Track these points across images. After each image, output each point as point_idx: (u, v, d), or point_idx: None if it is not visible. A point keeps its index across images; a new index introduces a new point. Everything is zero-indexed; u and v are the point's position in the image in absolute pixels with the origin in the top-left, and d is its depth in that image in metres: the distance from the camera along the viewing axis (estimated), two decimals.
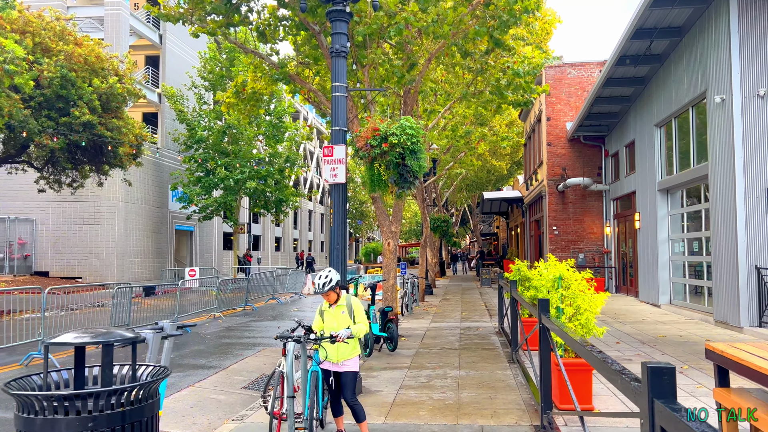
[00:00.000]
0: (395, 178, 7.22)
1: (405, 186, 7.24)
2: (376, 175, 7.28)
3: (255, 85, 13.42)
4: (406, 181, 7.20)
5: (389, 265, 12.12)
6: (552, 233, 22.42)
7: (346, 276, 7.35)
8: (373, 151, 7.13)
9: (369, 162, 7.37)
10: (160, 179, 31.60)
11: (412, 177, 7.18)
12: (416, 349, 10.41)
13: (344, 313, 5.38)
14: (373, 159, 7.27)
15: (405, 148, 7.07)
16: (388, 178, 7.23)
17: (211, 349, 11.33)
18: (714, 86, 12.22)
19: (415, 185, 7.32)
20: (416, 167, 7.13)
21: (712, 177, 12.38)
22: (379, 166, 7.23)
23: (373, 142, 7.11)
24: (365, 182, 7.59)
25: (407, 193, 7.16)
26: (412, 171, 7.13)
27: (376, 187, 7.35)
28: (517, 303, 9.00)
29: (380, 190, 7.39)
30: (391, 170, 7.19)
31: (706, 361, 8.67)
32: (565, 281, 6.58)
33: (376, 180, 7.29)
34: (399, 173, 7.21)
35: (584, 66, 22.57)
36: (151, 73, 32.61)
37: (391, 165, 7.15)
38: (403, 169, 7.16)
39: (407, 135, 7.08)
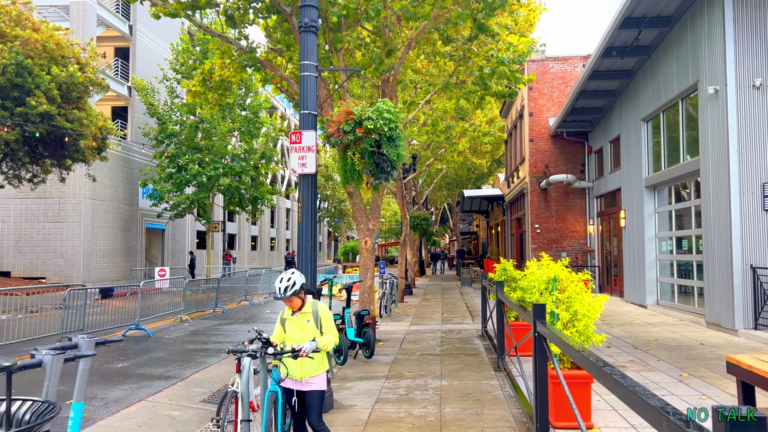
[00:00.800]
0: (371, 167, 6.46)
1: (382, 177, 6.47)
2: (349, 164, 6.51)
3: (223, 73, 12.54)
4: (383, 172, 6.44)
5: (366, 265, 11.36)
6: (534, 231, 21.86)
7: (316, 278, 6.57)
8: (346, 138, 6.36)
9: (342, 150, 6.60)
10: (129, 175, 30.41)
11: (389, 167, 6.43)
12: (395, 355, 9.66)
13: (310, 322, 4.60)
14: (346, 146, 6.50)
15: (382, 135, 6.32)
16: (362, 168, 6.46)
17: (172, 356, 10.45)
18: (706, 77, 11.68)
19: (393, 176, 6.57)
20: (394, 156, 6.37)
21: (704, 172, 11.84)
22: (353, 155, 6.46)
23: (346, 127, 6.33)
24: (338, 172, 6.81)
25: (384, 185, 6.42)
26: (389, 160, 6.37)
27: (349, 178, 6.58)
28: (503, 305, 8.30)
29: (354, 182, 6.62)
30: (366, 159, 6.42)
31: (705, 369, 8.06)
32: (561, 283, 5.89)
33: (350, 170, 6.52)
34: (375, 162, 6.45)
35: (567, 60, 22.05)
36: (121, 65, 31.37)
37: (366, 153, 6.39)
38: (380, 158, 6.40)
39: (384, 119, 6.32)
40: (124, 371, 9.16)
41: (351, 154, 6.47)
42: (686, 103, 13.18)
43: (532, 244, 21.84)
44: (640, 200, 15.66)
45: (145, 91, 28.46)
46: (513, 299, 9.25)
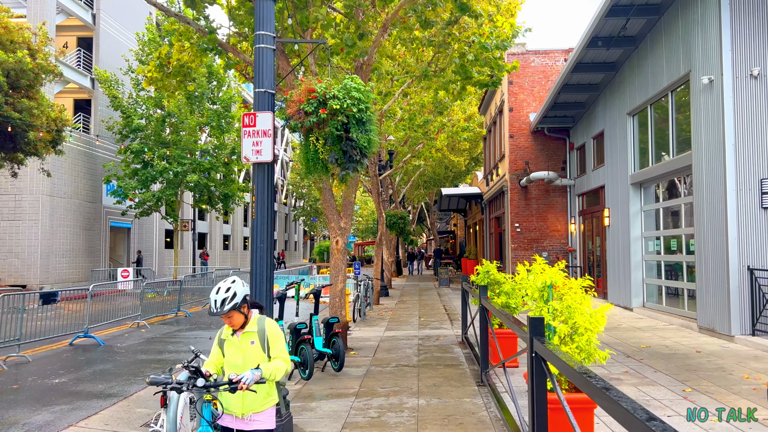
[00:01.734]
0: (337, 155, 5.54)
1: (350, 167, 5.55)
2: (312, 152, 5.58)
3: (181, 57, 11.47)
4: (352, 161, 5.52)
5: (337, 266, 10.43)
6: (514, 231, 21.15)
7: (272, 285, 5.63)
8: (308, 120, 5.43)
9: (304, 135, 5.65)
10: (92, 171, 28.95)
11: (358, 155, 5.51)
12: (367, 366, 8.75)
13: (254, 344, 3.67)
14: (308, 130, 5.56)
15: (350, 117, 5.40)
16: (327, 156, 5.53)
17: (120, 368, 9.39)
18: (699, 67, 11.00)
19: (363, 166, 5.66)
20: (364, 142, 5.46)
21: (696, 168, 11.16)
22: (316, 141, 5.53)
23: (307, 107, 5.40)
24: (300, 161, 5.87)
25: (355, 178, 5.51)
26: (358, 147, 5.46)
27: (312, 167, 5.65)
28: (487, 313, 7.45)
29: (318, 172, 5.69)
30: (331, 145, 5.49)
31: (708, 381, 7.32)
32: (558, 290, 5.04)
33: (313, 158, 5.59)
34: (342, 150, 5.53)
35: (549, 54, 21.37)
36: (83, 55, 29.87)
37: (332, 138, 5.46)
38: (348, 144, 5.48)
39: (353, 99, 5.40)
40: (60, 388, 8.08)
41: (314, 140, 5.54)
42: (676, 95, 12.51)
43: (511, 244, 21.13)
44: (626, 198, 14.99)
45: (108, 83, 27.11)
46: (497, 305, 8.42)
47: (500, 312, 5.68)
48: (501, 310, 5.79)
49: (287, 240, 68.89)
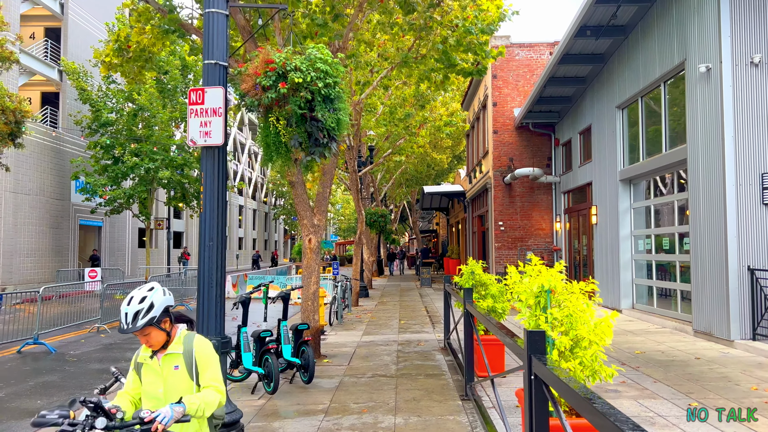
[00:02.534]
0: (301, 138, 4.74)
1: (316, 151, 4.77)
2: (272, 134, 4.78)
3: (141, 39, 10.56)
4: (318, 144, 4.73)
5: (310, 266, 9.63)
6: (498, 229, 20.50)
7: (223, 291, 4.82)
8: (266, 96, 4.63)
9: (263, 114, 4.85)
10: (60, 167, 27.73)
11: (325, 138, 4.73)
12: (340, 377, 7.96)
13: (179, 370, 2.87)
14: (267, 109, 4.76)
15: (315, 93, 4.61)
16: (289, 139, 4.73)
17: (68, 379, 8.49)
18: (696, 55, 10.38)
19: (331, 151, 4.87)
20: (332, 122, 4.68)
21: (692, 162, 10.55)
22: (276, 121, 4.73)
23: (265, 81, 4.60)
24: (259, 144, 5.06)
25: (319, 163, 4.73)
26: (325, 128, 4.67)
27: (272, 152, 4.85)
28: (472, 318, 6.71)
29: (279, 158, 4.88)
30: (294, 127, 4.69)
31: (714, 394, 6.65)
32: (556, 295, 4.30)
33: (273, 142, 4.79)
34: (307, 132, 4.74)
35: (533, 47, 20.75)
36: (51, 47, 28.63)
37: (295, 118, 4.66)
38: (313, 124, 4.69)
39: (318, 72, 4.61)
40: None
41: (273, 120, 4.74)
42: (670, 86, 11.90)
43: (495, 243, 20.48)
44: (615, 195, 14.39)
45: (76, 75, 25.95)
46: (483, 309, 7.69)
47: (487, 319, 4.93)
48: (489, 317, 5.05)
49: (267, 239, 67.75)
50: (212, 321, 4.77)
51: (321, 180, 10.05)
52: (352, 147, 17.79)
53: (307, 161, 4.78)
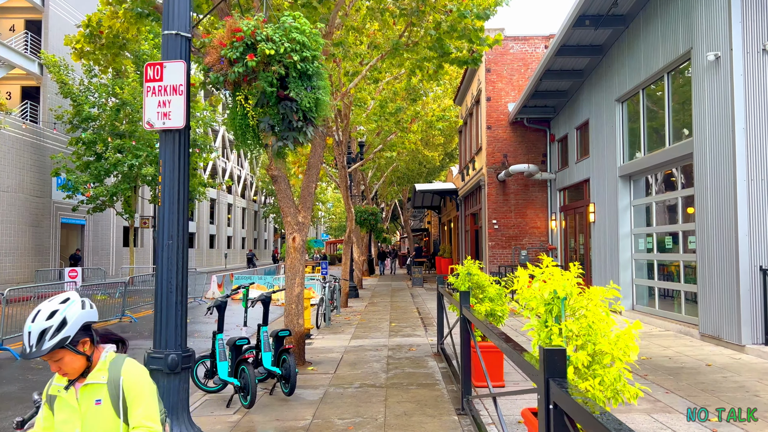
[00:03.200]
0: (273, 121, 4.10)
1: (288, 137, 4.13)
2: (239, 115, 4.13)
3: (113, 23, 9.87)
4: (292, 128, 4.10)
5: (294, 267, 8.99)
6: (491, 227, 19.92)
7: (185, 298, 4.17)
8: (233, 71, 3.98)
9: (230, 92, 4.20)
10: (41, 164, 26.88)
11: (300, 120, 4.09)
12: (325, 387, 7.32)
13: (101, 404, 2.22)
14: (234, 86, 4.11)
15: (289, 67, 3.97)
16: (259, 121, 4.09)
17: (27, 390, 7.79)
18: (703, 43, 9.82)
19: (308, 136, 4.23)
20: (309, 102, 4.04)
21: (698, 156, 9.99)
22: (245, 100, 4.08)
23: (231, 53, 3.96)
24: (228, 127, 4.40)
25: (293, 150, 4.09)
26: (301, 109, 4.02)
27: (241, 136, 4.20)
28: (470, 325, 6.09)
29: (248, 144, 4.23)
30: (264, 107, 4.05)
31: (733, 406, 6.08)
32: (571, 303, 3.69)
33: (240, 124, 4.14)
34: (280, 113, 4.09)
35: (528, 40, 20.18)
36: (31, 39, 27.75)
37: (265, 97, 4.01)
38: (286, 105, 4.05)
39: (294, 43, 3.97)
40: None
41: (242, 99, 4.10)
42: (673, 77, 11.34)
43: (489, 241, 19.90)
44: (614, 192, 13.83)
45: (57, 68, 25.08)
46: (480, 314, 7.07)
47: (488, 328, 4.31)
48: (489, 325, 4.43)
49: (256, 238, 66.96)
50: (171, 331, 4.12)
51: (306, 174, 9.41)
52: (341, 142, 17.14)
53: (278, 147, 4.14)
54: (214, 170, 51.06)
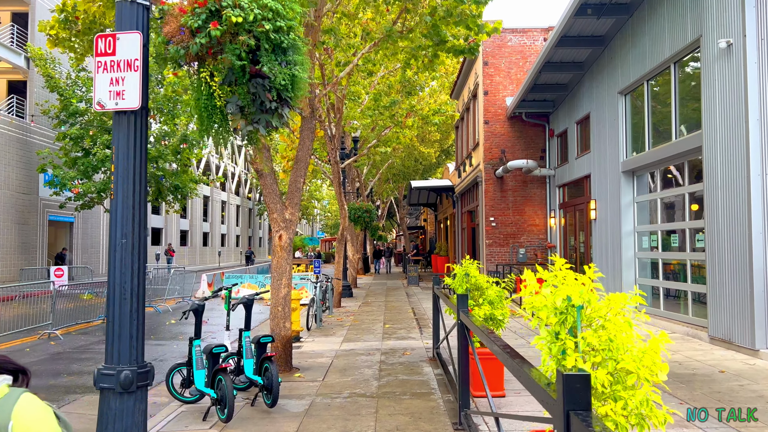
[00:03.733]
0: (242, 101, 3.54)
1: (260, 120, 3.58)
2: (204, 95, 3.58)
3: (89, 7, 9.29)
4: (264, 109, 3.55)
5: (281, 267, 8.46)
6: (489, 225, 19.40)
7: (142, 306, 3.63)
8: (195, 43, 3.43)
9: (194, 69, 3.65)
10: (27, 160, 26.22)
11: (275, 100, 3.53)
12: (312, 397, 6.78)
13: None
14: (198, 60, 3.56)
15: (261, 38, 3.42)
16: (227, 101, 3.54)
17: None
18: (713, 30, 9.30)
19: (283, 120, 3.68)
20: (284, 79, 3.49)
21: (708, 150, 9.47)
22: (210, 77, 3.53)
23: (193, 21, 3.41)
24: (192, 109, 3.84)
25: (266, 135, 3.56)
26: (275, 87, 3.47)
27: (206, 119, 3.65)
28: (468, 331, 5.56)
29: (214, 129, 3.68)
30: (232, 84, 3.50)
31: (760, 422, 5.57)
32: (590, 311, 3.16)
33: (205, 106, 3.59)
34: (250, 92, 3.54)
35: (527, 32, 19.65)
36: (17, 32, 27.07)
37: (233, 73, 3.46)
38: (258, 82, 3.50)
39: (265, 10, 3.43)
40: None
41: (206, 76, 3.55)
42: (681, 67, 10.83)
43: (486, 239, 19.38)
44: (616, 188, 13.32)
45: (43, 62, 24.41)
46: (479, 317, 6.55)
47: (490, 339, 3.77)
48: (492, 336, 3.89)
49: (251, 236, 66.36)
50: (125, 344, 3.57)
51: (294, 168, 8.86)
52: (333, 136, 16.59)
53: (248, 132, 3.58)
54: (208, 167, 50.43)
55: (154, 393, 7.50)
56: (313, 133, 8.97)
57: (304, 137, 8.83)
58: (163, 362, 9.50)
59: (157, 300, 17.20)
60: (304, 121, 8.89)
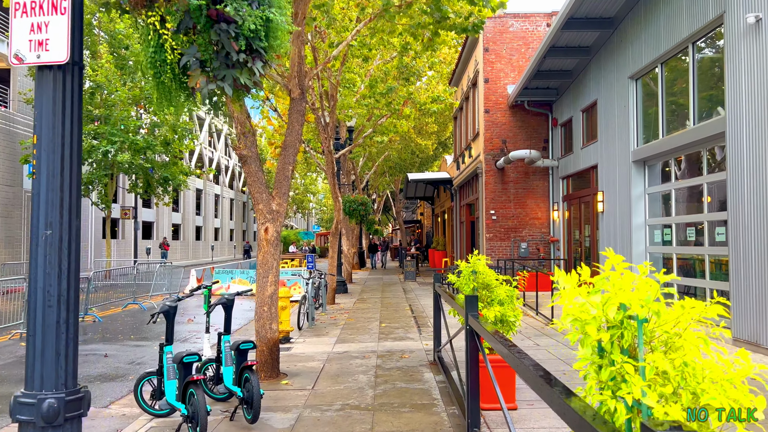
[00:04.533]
0: (203, 52, 2.76)
1: (225, 76, 2.79)
2: (153, 46, 2.80)
3: None
4: (230, 63, 2.76)
5: (267, 263, 7.70)
6: (489, 218, 18.66)
7: (75, 315, 2.86)
8: None
9: (142, 15, 2.86)
10: (12, 151, 25.31)
11: (243, 52, 2.75)
12: (299, 409, 6.02)
13: None
14: (144, 4, 2.76)
15: None
16: (182, 53, 2.75)
17: None
18: (738, 5, 8.54)
19: (255, 76, 2.90)
20: (256, 25, 2.70)
21: (733, 136, 8.73)
22: (161, 23, 2.75)
23: None
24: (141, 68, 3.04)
25: (235, 97, 2.84)
26: (243, 34, 2.69)
27: (155, 78, 2.86)
28: (478, 339, 4.80)
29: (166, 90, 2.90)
30: (190, 33, 2.71)
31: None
32: (657, 326, 2.41)
33: (153, 60, 2.81)
34: (212, 41, 2.75)
35: (529, 18, 18.85)
36: (0, 18, 26.09)
37: (191, 17, 2.67)
38: (222, 29, 2.71)
39: None
40: None
41: (156, 22, 2.77)
42: (701, 47, 10.07)
43: (486, 233, 18.64)
44: (626, 179, 12.58)
45: None
46: (489, 319, 5.80)
47: (516, 357, 3.01)
48: (519, 354, 3.14)
49: (245, 230, 65.51)
50: (50, 364, 2.80)
51: (282, 155, 8.08)
52: (327, 125, 15.79)
53: (209, 91, 2.80)
54: (201, 160, 49.53)
55: (125, 403, 6.75)
56: (302, 116, 8.18)
57: (293, 120, 8.04)
58: (141, 365, 8.75)
59: (143, 296, 16.41)
60: (293, 102, 8.10)
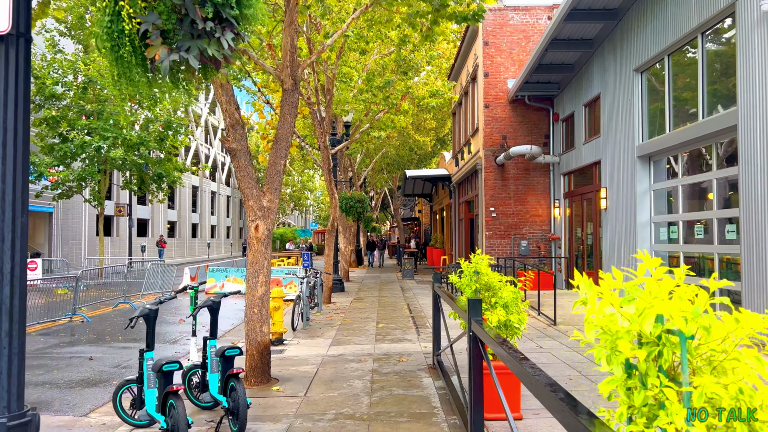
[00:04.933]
0: (164, 20, 2.36)
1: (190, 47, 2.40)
2: (108, 14, 2.39)
3: None
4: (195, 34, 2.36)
5: (258, 262, 7.32)
6: (489, 216, 18.28)
7: (23, 322, 2.46)
8: None
9: None
10: None
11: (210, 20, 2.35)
12: (290, 419, 5.64)
13: None
14: None
15: None
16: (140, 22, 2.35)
17: None
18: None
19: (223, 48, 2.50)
20: None
21: (745, 129, 8.36)
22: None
23: None
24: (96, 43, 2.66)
25: (195, 71, 2.49)
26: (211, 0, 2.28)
27: (111, 52, 2.46)
28: (482, 346, 4.42)
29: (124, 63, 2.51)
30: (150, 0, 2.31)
31: None
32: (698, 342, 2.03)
33: (109, 30, 2.40)
34: (176, 10, 2.35)
35: (530, 10, 18.46)
36: None
37: None
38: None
39: None
40: None
41: None
42: (710, 38, 9.68)
43: (486, 231, 18.27)
44: (631, 175, 12.21)
45: None
46: (492, 323, 5.43)
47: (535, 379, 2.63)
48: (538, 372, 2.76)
49: (242, 227, 65.09)
50: None
51: (274, 149, 7.69)
52: (323, 120, 15.39)
53: (170, 63, 2.41)
54: (197, 157, 49.08)
55: (106, 411, 6.36)
56: (295, 108, 7.78)
57: (285, 113, 7.65)
58: (126, 369, 8.37)
59: (135, 295, 16.02)
60: (285, 94, 7.70)
